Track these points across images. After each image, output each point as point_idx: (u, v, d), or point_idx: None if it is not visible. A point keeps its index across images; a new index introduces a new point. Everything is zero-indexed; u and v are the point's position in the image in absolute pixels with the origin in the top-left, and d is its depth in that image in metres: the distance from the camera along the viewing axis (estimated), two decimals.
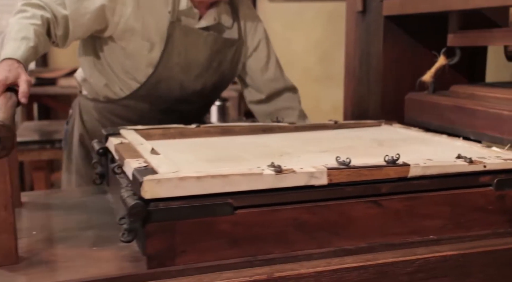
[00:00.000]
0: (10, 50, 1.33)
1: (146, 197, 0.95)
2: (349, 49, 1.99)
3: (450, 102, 1.51)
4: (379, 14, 1.78)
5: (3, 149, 0.93)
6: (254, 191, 1.00)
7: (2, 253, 1.01)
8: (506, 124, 1.32)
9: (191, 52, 1.68)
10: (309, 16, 3.17)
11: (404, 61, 1.80)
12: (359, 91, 1.93)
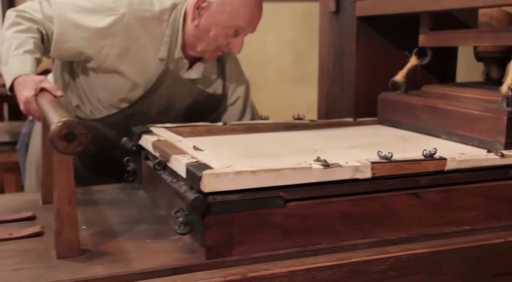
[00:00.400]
0: (19, 67, 1.42)
1: (205, 191, 0.99)
2: (323, 49, 2.00)
3: (421, 102, 1.53)
4: (352, 15, 1.80)
5: (79, 145, 0.96)
6: (303, 185, 1.05)
7: (66, 246, 1.04)
8: (476, 124, 1.34)
9: (174, 99, 1.66)
10: (284, 16, 3.18)
11: (377, 61, 1.81)
12: (333, 91, 1.94)
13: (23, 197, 1.45)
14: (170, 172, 1.20)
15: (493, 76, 1.53)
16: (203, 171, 0.99)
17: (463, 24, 1.67)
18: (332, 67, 1.95)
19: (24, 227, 1.19)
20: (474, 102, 1.40)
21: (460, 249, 1.11)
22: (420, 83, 1.66)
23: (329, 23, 1.94)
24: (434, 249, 1.10)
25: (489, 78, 1.55)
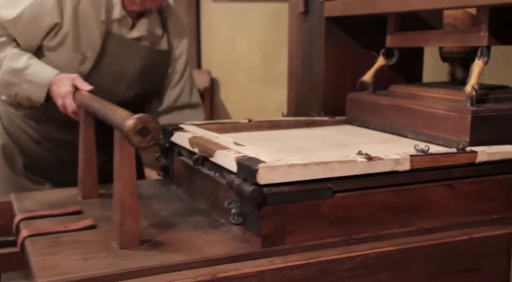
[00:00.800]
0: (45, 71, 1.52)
1: (260, 183, 1.05)
2: (292, 50, 2.01)
3: (389, 101, 1.55)
4: (320, 15, 1.81)
5: (152, 139, 1.01)
6: (349, 177, 1.12)
7: (128, 237, 1.09)
8: (442, 123, 1.36)
9: (124, 63, 1.65)
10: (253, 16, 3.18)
11: (345, 61, 1.83)
12: (302, 91, 1.95)
13: (61, 193, 1.50)
14: (211, 167, 1.28)
15: (458, 76, 1.55)
16: (259, 164, 1.06)
17: (429, 25, 1.69)
18: (301, 67, 1.96)
19: (71, 221, 1.24)
20: (439, 102, 1.42)
21: (425, 246, 1.13)
22: (388, 83, 1.68)
23: (297, 23, 1.95)
24: (401, 247, 1.12)
25: (454, 78, 1.57)
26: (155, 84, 1.79)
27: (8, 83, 1.55)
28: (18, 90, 1.55)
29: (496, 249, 1.20)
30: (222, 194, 1.22)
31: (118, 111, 1.10)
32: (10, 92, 1.57)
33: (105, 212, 1.28)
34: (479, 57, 1.34)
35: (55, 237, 1.16)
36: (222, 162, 1.21)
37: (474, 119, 1.28)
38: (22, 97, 1.57)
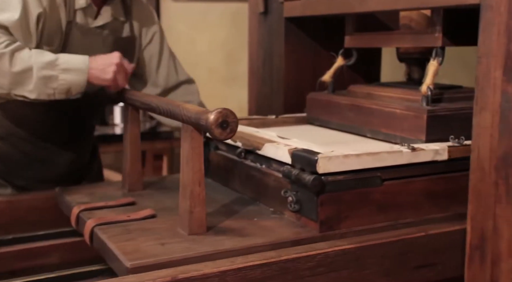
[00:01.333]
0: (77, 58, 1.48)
1: (319, 172, 1.14)
2: (252, 50, 2.02)
3: (348, 101, 1.57)
4: (280, 16, 1.82)
5: (230, 131, 1.09)
6: (396, 166, 1.22)
7: (197, 223, 1.17)
8: (399, 122, 1.39)
9: (91, 54, 1.63)
10: (214, 16, 3.18)
11: (305, 61, 1.85)
12: (262, 91, 1.96)
13: (105, 187, 1.58)
14: (255, 159, 1.36)
15: (414, 76, 1.59)
16: (318, 155, 1.14)
17: (386, 26, 1.72)
18: (261, 67, 1.97)
19: (128, 211, 1.31)
20: (396, 102, 1.45)
21: (383, 244, 1.16)
22: (347, 83, 1.70)
23: (257, 23, 1.96)
24: (360, 245, 1.14)
25: (410, 78, 1.61)
26: None
27: (46, 80, 1.46)
28: (57, 85, 1.47)
29: (452, 244, 1.23)
30: (271, 184, 1.31)
31: (188, 106, 1.17)
32: (48, 90, 1.47)
33: (156, 203, 1.37)
34: (434, 57, 1.37)
35: (123, 226, 1.22)
36: (272, 154, 1.30)
37: (430, 118, 1.31)
38: (61, 91, 1.49)
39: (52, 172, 1.72)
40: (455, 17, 1.37)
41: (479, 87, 1.13)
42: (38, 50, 1.49)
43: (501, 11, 1.07)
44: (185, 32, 3.12)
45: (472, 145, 1.15)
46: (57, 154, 1.72)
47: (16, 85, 1.44)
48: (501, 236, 1.10)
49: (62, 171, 1.74)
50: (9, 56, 1.42)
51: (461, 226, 1.21)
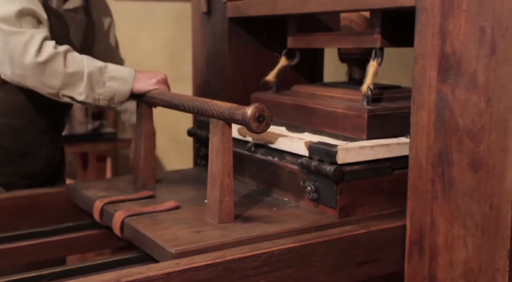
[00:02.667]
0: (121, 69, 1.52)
1: (339, 163, 1.24)
2: (196, 50, 2.01)
3: (291, 101, 1.59)
4: (223, 16, 1.82)
5: (266, 125, 1.16)
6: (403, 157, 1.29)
7: (226, 212, 1.25)
8: (341, 121, 1.41)
9: (66, 39, 1.60)
10: (157, 16, 3.14)
11: (249, 61, 1.86)
12: (207, 91, 1.96)
13: (117, 181, 1.66)
14: (266, 152, 1.47)
15: (355, 76, 1.62)
16: (337, 147, 1.24)
17: (328, 27, 1.75)
18: (205, 67, 1.96)
19: (150, 203, 1.39)
20: (338, 101, 1.48)
21: (327, 241, 1.19)
22: (291, 83, 1.73)
23: (201, 23, 1.95)
24: (304, 243, 1.16)
25: (352, 78, 1.64)
26: None
27: (94, 84, 1.47)
28: (103, 91, 1.49)
29: (392, 240, 1.27)
30: (285, 175, 1.40)
31: (218, 102, 1.24)
32: (94, 95, 1.48)
33: (174, 195, 1.45)
34: (374, 58, 1.41)
35: (151, 217, 1.30)
36: (287, 147, 1.39)
37: (370, 117, 1.35)
38: (106, 97, 1.50)
39: (30, 168, 1.70)
40: (393, 19, 1.41)
41: (416, 87, 1.16)
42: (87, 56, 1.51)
43: (435, 13, 1.11)
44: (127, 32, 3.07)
45: (410, 143, 1.19)
46: (35, 148, 1.69)
47: (67, 86, 1.46)
48: (438, 231, 1.14)
49: (39, 167, 1.72)
50: (63, 57, 1.44)
51: (401, 222, 1.25)
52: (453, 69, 1.08)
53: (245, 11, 1.74)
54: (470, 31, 1.05)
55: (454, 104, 1.09)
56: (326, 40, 1.57)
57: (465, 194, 1.08)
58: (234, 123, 1.20)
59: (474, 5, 1.04)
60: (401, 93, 1.50)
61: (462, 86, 1.07)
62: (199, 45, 1.98)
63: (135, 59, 3.35)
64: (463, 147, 1.08)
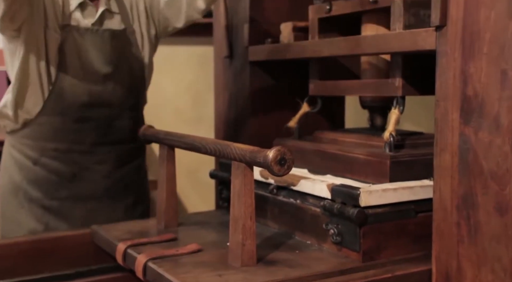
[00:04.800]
0: None
1: (361, 205, 1.23)
2: (218, 93, 2.03)
3: (313, 147, 1.59)
4: (245, 60, 1.85)
5: (288, 168, 1.16)
6: (427, 199, 1.28)
7: (248, 256, 1.24)
8: (363, 168, 1.41)
9: (91, 53, 1.64)
10: (180, 59, 3.19)
11: (270, 105, 1.87)
12: (228, 133, 1.97)
13: (139, 224, 1.65)
14: (288, 195, 1.46)
15: (377, 123, 1.61)
16: (359, 189, 1.23)
17: (349, 70, 1.76)
18: (227, 110, 1.98)
19: (172, 246, 1.38)
20: (360, 147, 1.47)
21: None
22: (312, 128, 1.73)
23: (223, 67, 1.98)
24: None
25: (373, 124, 1.63)
26: (137, 71, 1.77)
27: None
28: None
29: None
30: (307, 218, 1.39)
31: (240, 145, 1.25)
32: None
33: (196, 238, 1.45)
34: (395, 106, 1.40)
35: (174, 260, 1.30)
36: (309, 189, 1.39)
37: (392, 164, 1.34)
38: None
39: (82, 190, 1.74)
40: (415, 63, 1.41)
41: (438, 129, 1.16)
42: None
43: (456, 57, 1.11)
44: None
45: (434, 185, 1.18)
46: (84, 169, 1.73)
47: None
48: (465, 276, 1.12)
49: (91, 189, 1.75)
50: None
51: (427, 266, 1.23)
52: (475, 112, 1.08)
53: (266, 55, 1.77)
54: (491, 74, 1.05)
55: (477, 147, 1.08)
56: (348, 88, 1.58)
57: (492, 238, 1.06)
58: (256, 166, 1.21)
59: (495, 48, 1.04)
60: (424, 140, 1.49)
61: (485, 128, 1.06)
62: (221, 88, 2.00)
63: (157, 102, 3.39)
64: (488, 190, 1.06)
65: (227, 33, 1.92)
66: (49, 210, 1.74)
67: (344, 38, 1.47)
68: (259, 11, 1.84)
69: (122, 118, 1.79)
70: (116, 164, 1.80)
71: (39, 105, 1.67)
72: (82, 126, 1.70)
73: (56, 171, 1.72)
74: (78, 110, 1.69)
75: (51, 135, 1.69)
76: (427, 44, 1.22)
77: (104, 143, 1.77)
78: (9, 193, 1.77)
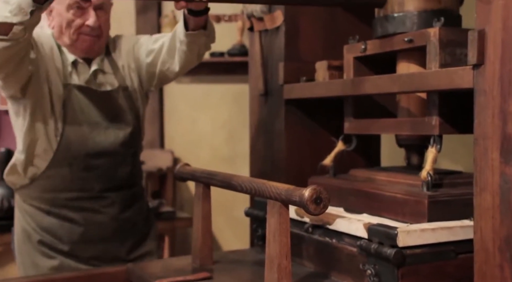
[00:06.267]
0: None
1: (399, 246, 1.21)
2: (253, 130, 2.04)
3: (349, 185, 1.57)
4: (280, 97, 1.86)
5: (324, 207, 1.16)
6: (468, 240, 1.25)
7: None
8: (400, 207, 1.38)
9: (92, 108, 1.75)
10: (215, 96, 3.25)
11: (305, 142, 1.87)
12: (264, 170, 1.97)
13: (175, 261, 1.69)
14: (323, 233, 1.45)
15: (414, 161, 1.59)
16: (397, 229, 1.21)
17: (384, 108, 1.75)
18: (262, 147, 1.98)
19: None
20: (397, 186, 1.45)
21: None
22: (347, 166, 1.71)
23: (258, 104, 2.00)
24: None
25: (410, 162, 1.61)
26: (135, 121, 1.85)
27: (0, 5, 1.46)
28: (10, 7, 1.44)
29: None
30: (343, 258, 1.38)
31: (275, 184, 1.25)
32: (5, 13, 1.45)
33: (231, 277, 1.47)
34: (432, 145, 1.38)
35: None
36: (345, 228, 1.38)
37: (431, 203, 1.31)
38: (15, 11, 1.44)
39: (94, 234, 1.82)
40: (451, 103, 1.39)
41: (478, 168, 1.13)
42: None
43: (494, 95, 1.09)
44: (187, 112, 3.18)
45: (474, 226, 1.14)
46: (94, 214, 1.81)
47: None
48: None
49: (102, 232, 1.83)
50: None
51: None
52: None
53: (301, 93, 1.77)
54: None
55: None
56: (383, 127, 1.56)
57: None
58: (291, 204, 1.21)
59: None
60: (463, 179, 1.46)
61: None
62: (256, 125, 2.01)
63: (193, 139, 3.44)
64: None
65: (263, 71, 1.94)
66: (61, 252, 1.82)
67: (380, 77, 1.47)
68: (294, 49, 1.86)
69: (125, 165, 1.88)
70: (122, 208, 1.88)
71: (48, 159, 1.76)
72: (89, 175, 1.79)
73: (67, 218, 1.80)
74: (84, 160, 1.78)
75: (60, 186, 1.78)
76: (465, 82, 1.20)
77: (110, 189, 1.85)
78: (23, 241, 1.85)
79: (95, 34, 1.74)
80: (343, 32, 1.84)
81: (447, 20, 1.38)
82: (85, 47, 1.74)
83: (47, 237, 1.81)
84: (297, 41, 1.86)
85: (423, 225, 1.27)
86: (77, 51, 1.76)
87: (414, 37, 1.43)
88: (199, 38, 1.73)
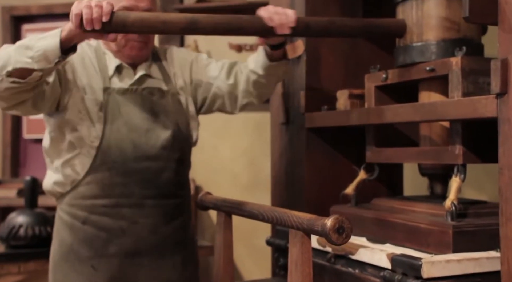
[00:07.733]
0: None
1: (424, 277, 1.20)
2: (275, 158, 2.04)
3: (371, 215, 1.56)
4: (301, 126, 1.86)
5: (346, 236, 1.15)
6: (495, 272, 1.23)
7: None
8: (424, 237, 1.36)
9: (133, 110, 1.73)
10: (236, 125, 3.25)
11: (326, 170, 1.86)
12: (285, 199, 1.97)
13: None
14: (346, 264, 1.44)
15: (437, 191, 1.57)
16: (421, 260, 1.20)
17: (406, 137, 1.74)
18: (283, 175, 1.98)
19: None
20: (421, 216, 1.43)
21: None
22: (370, 195, 1.70)
23: (279, 133, 2.00)
24: None
25: (433, 192, 1.59)
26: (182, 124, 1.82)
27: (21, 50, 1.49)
28: (33, 54, 1.48)
29: None
30: None
31: (297, 213, 1.25)
32: (25, 58, 1.48)
33: None
34: (456, 174, 1.37)
35: None
36: (368, 259, 1.37)
37: (455, 234, 1.29)
38: (39, 58, 1.47)
39: (131, 246, 1.75)
40: (475, 132, 1.38)
41: (503, 198, 1.12)
42: None
43: None
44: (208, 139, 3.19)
45: (501, 257, 1.13)
46: (131, 224, 1.75)
47: None
48: None
49: (143, 242, 1.76)
50: None
51: None
52: None
53: (323, 121, 1.78)
54: None
55: None
56: (406, 156, 1.55)
57: None
58: (313, 234, 1.20)
59: None
60: (488, 209, 1.44)
61: None
62: (278, 154, 2.01)
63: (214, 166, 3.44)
64: None
65: (284, 100, 1.94)
66: (97, 270, 1.76)
67: (402, 105, 1.46)
68: (315, 78, 1.87)
69: (168, 171, 1.80)
70: (163, 220, 1.80)
71: (88, 165, 1.73)
72: (129, 180, 1.74)
73: (104, 227, 1.75)
74: (124, 164, 1.73)
75: (100, 192, 1.74)
76: (488, 111, 1.19)
77: (151, 197, 1.78)
78: (60, 258, 1.80)
79: (143, 40, 1.75)
80: (364, 61, 1.85)
81: (469, 49, 1.38)
82: (133, 53, 1.74)
83: (83, 251, 1.75)
84: (318, 70, 1.87)
85: (448, 256, 1.25)
86: (124, 57, 1.76)
87: (435, 66, 1.43)
88: (280, 68, 1.75)
